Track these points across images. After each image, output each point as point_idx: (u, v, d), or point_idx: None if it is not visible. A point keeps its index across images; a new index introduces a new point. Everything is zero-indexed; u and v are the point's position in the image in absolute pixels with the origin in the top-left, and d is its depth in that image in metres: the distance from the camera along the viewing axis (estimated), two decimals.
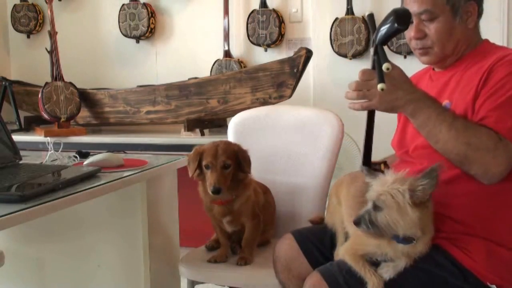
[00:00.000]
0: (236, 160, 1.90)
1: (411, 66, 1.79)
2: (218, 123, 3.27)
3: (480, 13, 1.60)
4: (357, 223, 1.36)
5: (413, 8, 1.55)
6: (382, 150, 1.78)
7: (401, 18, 1.42)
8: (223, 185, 1.85)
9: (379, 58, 1.41)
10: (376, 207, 1.35)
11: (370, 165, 1.65)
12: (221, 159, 1.87)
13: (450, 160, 1.42)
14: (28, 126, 3.66)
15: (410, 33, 1.58)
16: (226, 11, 3.43)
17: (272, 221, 2.16)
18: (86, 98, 3.50)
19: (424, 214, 1.35)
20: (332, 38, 3.26)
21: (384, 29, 1.44)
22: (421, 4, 1.54)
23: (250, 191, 1.98)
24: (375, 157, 1.68)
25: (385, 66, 1.36)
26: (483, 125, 1.39)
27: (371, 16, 1.62)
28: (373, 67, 1.44)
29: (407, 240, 1.37)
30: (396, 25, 1.41)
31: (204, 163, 1.89)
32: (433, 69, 1.69)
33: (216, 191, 1.84)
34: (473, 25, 1.57)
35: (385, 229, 1.34)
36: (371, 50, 1.46)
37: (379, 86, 1.35)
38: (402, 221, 1.33)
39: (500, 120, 1.39)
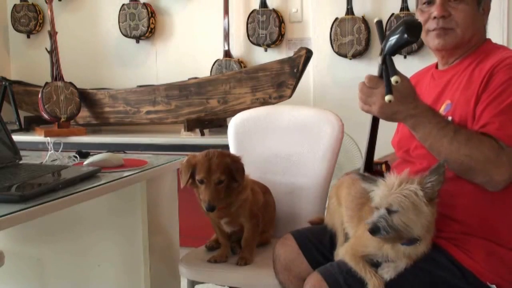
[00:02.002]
0: (229, 172, 1.87)
1: (411, 66, 1.79)
2: (218, 123, 3.27)
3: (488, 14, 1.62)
4: (374, 231, 1.33)
5: None
6: (382, 148, 1.78)
7: (411, 29, 1.38)
8: (217, 202, 1.84)
9: (388, 68, 1.38)
10: (390, 211, 1.33)
11: (371, 171, 1.65)
12: (215, 176, 1.83)
13: (453, 171, 1.42)
14: (28, 126, 3.66)
15: (430, 12, 1.57)
16: (226, 11, 3.43)
17: (272, 221, 2.16)
18: (86, 98, 3.50)
19: (435, 211, 1.35)
20: (332, 38, 3.26)
21: (393, 40, 1.41)
22: None
23: (246, 193, 1.96)
24: (376, 154, 1.68)
25: (394, 79, 1.33)
26: (485, 133, 1.39)
27: (379, 23, 1.60)
28: (380, 76, 1.41)
29: (411, 241, 1.36)
30: (406, 36, 1.38)
31: (197, 177, 1.86)
32: (436, 67, 1.69)
33: (211, 209, 1.83)
34: (486, 22, 1.59)
35: (403, 232, 1.32)
36: (379, 59, 1.43)
37: (387, 98, 1.32)
38: (418, 220, 1.32)
39: (502, 127, 1.39)
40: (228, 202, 1.92)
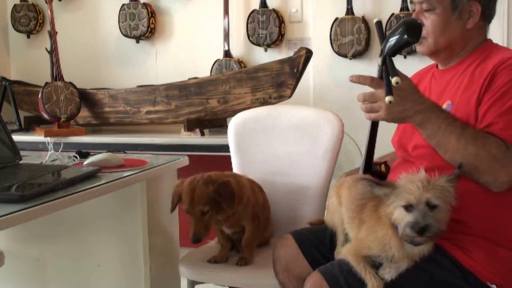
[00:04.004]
0: (215, 201, 1.81)
1: (411, 66, 1.79)
2: (218, 123, 3.27)
3: (487, 16, 1.58)
4: (425, 229, 1.29)
5: None
6: (382, 148, 1.78)
7: (411, 30, 1.38)
8: (203, 233, 1.81)
9: (388, 69, 1.37)
10: (432, 207, 1.31)
11: (371, 171, 1.65)
12: (198, 208, 1.79)
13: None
14: (28, 126, 3.66)
15: None
16: (226, 11, 3.43)
17: (269, 219, 2.15)
18: (86, 98, 3.50)
19: None
20: (332, 38, 3.26)
21: (393, 40, 1.40)
22: None
23: (245, 198, 1.94)
24: (376, 154, 1.68)
25: (394, 80, 1.32)
26: (491, 133, 1.39)
27: (379, 23, 1.60)
28: (380, 77, 1.41)
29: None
30: (405, 36, 1.38)
31: (183, 207, 1.84)
32: (437, 66, 1.69)
33: (197, 240, 1.80)
34: (472, 26, 1.56)
35: (442, 227, 1.33)
36: (379, 59, 1.43)
37: (387, 99, 1.31)
38: (448, 216, 1.33)
39: (506, 127, 1.39)
40: (228, 213, 1.90)
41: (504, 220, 1.47)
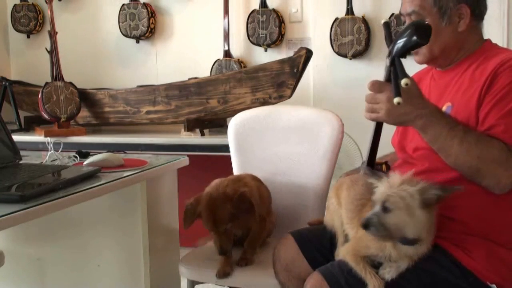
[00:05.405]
0: (236, 214, 1.85)
1: (411, 66, 1.79)
2: (218, 123, 3.27)
3: (477, 15, 1.58)
4: (366, 226, 1.34)
5: (406, 8, 1.58)
6: (382, 148, 1.77)
7: (420, 31, 1.38)
8: (230, 244, 1.87)
9: (396, 70, 1.37)
10: (385, 209, 1.33)
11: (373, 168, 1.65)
12: (222, 227, 1.84)
13: (462, 173, 1.42)
14: (28, 126, 3.66)
15: None
16: (226, 11, 3.43)
17: (270, 210, 2.14)
18: (86, 98, 3.50)
19: (431, 216, 1.35)
20: (332, 38, 3.26)
21: (401, 42, 1.40)
22: (411, 4, 1.57)
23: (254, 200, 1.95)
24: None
25: (404, 82, 1.32)
26: (493, 136, 1.39)
27: (386, 24, 1.60)
28: (387, 79, 1.41)
29: (412, 242, 1.36)
30: (415, 38, 1.37)
31: (204, 226, 1.88)
32: (435, 68, 1.69)
33: (224, 253, 1.87)
34: (464, 28, 1.56)
35: (394, 231, 1.33)
36: (387, 60, 1.42)
37: (395, 100, 1.32)
38: (411, 222, 1.33)
39: (508, 129, 1.39)
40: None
41: (504, 220, 1.47)
